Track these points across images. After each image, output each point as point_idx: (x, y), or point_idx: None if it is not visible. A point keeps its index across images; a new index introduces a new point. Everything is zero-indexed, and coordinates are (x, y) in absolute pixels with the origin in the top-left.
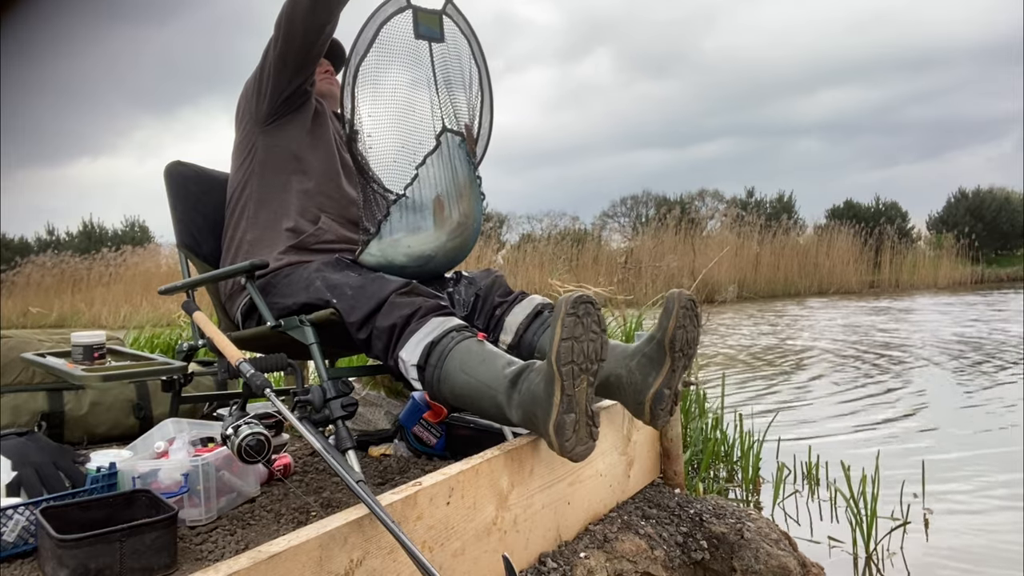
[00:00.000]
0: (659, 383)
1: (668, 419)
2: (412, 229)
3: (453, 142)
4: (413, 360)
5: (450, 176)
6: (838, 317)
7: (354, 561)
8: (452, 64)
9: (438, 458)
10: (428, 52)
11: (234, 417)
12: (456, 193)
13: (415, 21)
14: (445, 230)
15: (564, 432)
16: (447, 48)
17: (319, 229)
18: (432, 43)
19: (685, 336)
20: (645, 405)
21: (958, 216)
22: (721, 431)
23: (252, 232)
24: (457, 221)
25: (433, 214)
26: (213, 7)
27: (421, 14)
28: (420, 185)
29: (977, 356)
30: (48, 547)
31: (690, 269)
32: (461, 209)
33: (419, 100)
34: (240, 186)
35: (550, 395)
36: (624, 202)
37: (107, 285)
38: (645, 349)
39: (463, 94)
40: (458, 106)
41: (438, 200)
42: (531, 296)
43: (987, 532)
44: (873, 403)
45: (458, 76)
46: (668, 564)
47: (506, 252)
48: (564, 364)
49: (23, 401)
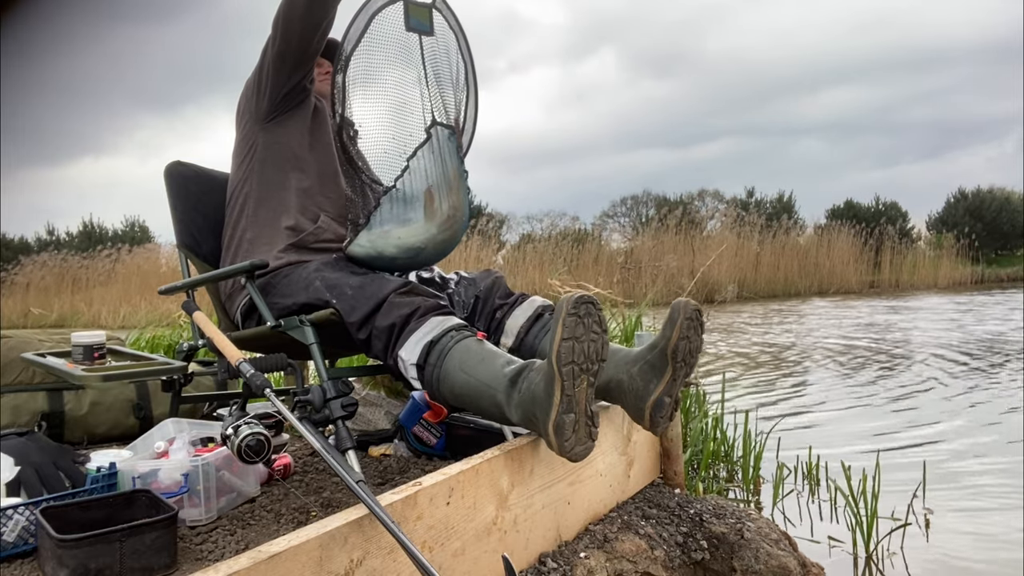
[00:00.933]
0: (660, 391)
1: (667, 425)
2: (402, 221)
3: (443, 135)
4: (412, 359)
5: (440, 169)
6: (838, 317)
7: (354, 561)
8: (441, 58)
9: (438, 458)
10: (419, 45)
11: (234, 417)
12: (446, 186)
13: (406, 14)
14: (435, 222)
15: (563, 432)
16: (436, 42)
17: (318, 228)
18: (422, 36)
19: (688, 346)
20: (645, 412)
21: (957, 216)
22: (721, 431)
23: (252, 230)
24: (447, 214)
25: (424, 206)
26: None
27: (412, 7)
28: (411, 177)
29: (978, 356)
30: (48, 547)
31: (690, 269)
32: (451, 202)
33: (410, 92)
34: (240, 184)
35: (550, 395)
36: (624, 202)
37: (106, 285)
38: (648, 356)
39: (451, 88)
40: (447, 100)
41: (428, 192)
42: (532, 298)
43: (987, 532)
44: (873, 403)
45: (447, 70)
46: (668, 564)
47: (506, 252)
48: (565, 364)
49: (23, 401)
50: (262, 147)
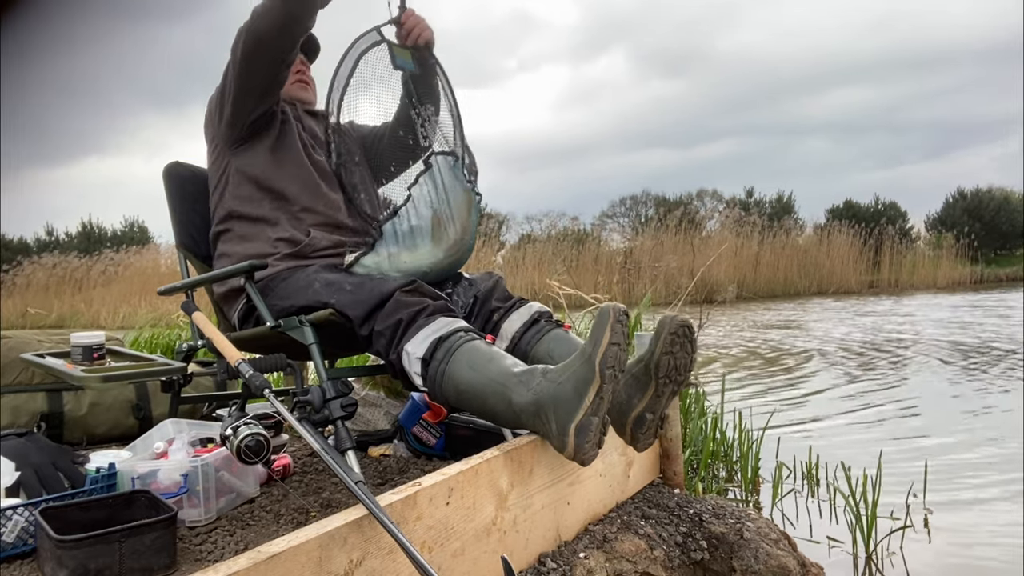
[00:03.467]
0: (642, 407)
1: (650, 443)
2: (409, 246)
3: (444, 163)
4: (419, 353)
5: (445, 195)
6: (838, 317)
7: (353, 561)
8: (429, 92)
9: (437, 458)
10: (407, 81)
11: (233, 418)
12: (453, 211)
13: (391, 54)
14: (442, 247)
15: (586, 434)
16: (422, 78)
17: (313, 239)
18: (409, 73)
19: (672, 362)
20: (627, 426)
21: (956, 216)
22: (720, 431)
23: (241, 246)
24: (454, 239)
25: (431, 232)
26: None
27: (395, 47)
28: (415, 205)
29: (978, 355)
30: (47, 548)
31: (689, 269)
32: (458, 227)
33: (405, 125)
34: (218, 204)
35: (581, 395)
36: (623, 202)
37: (106, 286)
38: (634, 369)
39: (444, 117)
40: (444, 129)
41: (436, 218)
42: (530, 303)
43: (987, 532)
44: (874, 403)
45: (436, 102)
46: (668, 564)
47: (505, 252)
48: (608, 367)
49: (23, 401)
50: (235, 172)
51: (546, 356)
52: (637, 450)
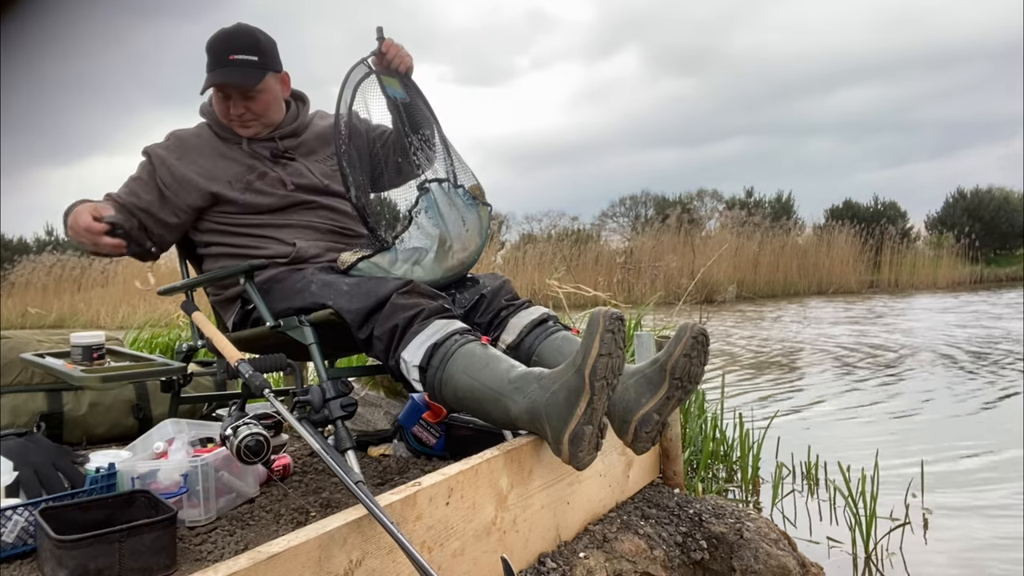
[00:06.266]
0: (650, 406)
1: (649, 447)
2: (413, 261)
3: (439, 189)
4: (415, 361)
5: (444, 221)
6: (838, 316)
7: (353, 561)
8: (422, 117)
9: (437, 458)
10: (398, 108)
11: (233, 418)
12: (457, 234)
13: (380, 84)
14: (443, 266)
15: (580, 443)
16: (412, 105)
17: (300, 249)
18: (400, 102)
19: (688, 366)
20: (631, 425)
21: (956, 216)
22: (720, 431)
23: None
24: (459, 260)
25: (437, 248)
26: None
27: (383, 77)
28: (417, 230)
29: (977, 355)
30: (47, 548)
31: (690, 269)
32: (460, 246)
33: (400, 152)
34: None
35: (572, 405)
36: (623, 202)
37: (105, 286)
38: (647, 370)
39: (435, 142)
40: (437, 153)
41: (441, 239)
42: (537, 305)
43: (986, 532)
44: (873, 403)
45: (429, 126)
46: (667, 564)
47: (506, 252)
48: (598, 379)
49: (22, 402)
50: (203, 234)
51: (556, 353)
52: (636, 452)
